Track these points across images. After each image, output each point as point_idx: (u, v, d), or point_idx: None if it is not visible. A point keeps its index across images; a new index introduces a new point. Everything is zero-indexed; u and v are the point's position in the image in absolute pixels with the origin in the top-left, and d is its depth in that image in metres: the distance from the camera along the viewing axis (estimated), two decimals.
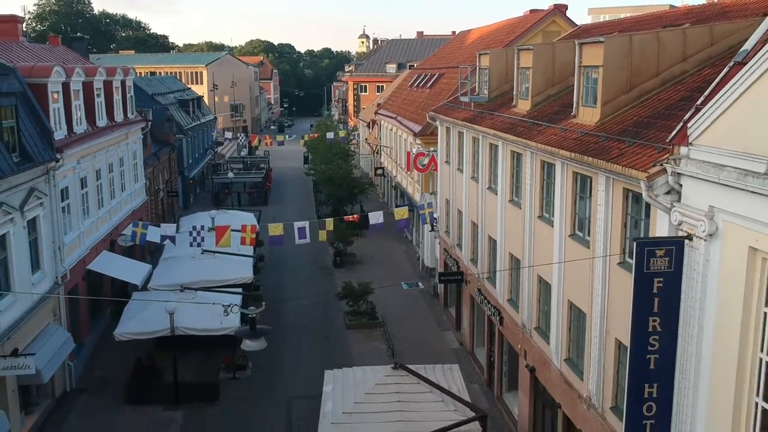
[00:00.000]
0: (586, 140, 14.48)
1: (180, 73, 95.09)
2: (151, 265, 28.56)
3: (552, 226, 16.58)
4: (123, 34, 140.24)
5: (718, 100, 9.84)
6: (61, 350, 20.22)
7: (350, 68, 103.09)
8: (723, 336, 9.94)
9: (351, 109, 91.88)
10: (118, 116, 30.48)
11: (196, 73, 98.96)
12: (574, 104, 16.14)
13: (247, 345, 12.25)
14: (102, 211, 27.56)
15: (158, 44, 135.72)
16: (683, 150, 10.63)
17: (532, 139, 16.96)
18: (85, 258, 24.87)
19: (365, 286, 28.36)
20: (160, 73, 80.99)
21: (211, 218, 30.18)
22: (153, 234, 23.64)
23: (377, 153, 52.85)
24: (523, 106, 19.78)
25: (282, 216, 42.62)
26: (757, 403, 9.59)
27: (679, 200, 10.81)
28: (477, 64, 25.30)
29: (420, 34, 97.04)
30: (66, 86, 23.75)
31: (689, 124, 10.51)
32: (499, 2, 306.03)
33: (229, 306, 16.25)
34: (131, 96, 33.38)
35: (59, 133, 22.73)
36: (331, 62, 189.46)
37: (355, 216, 26.15)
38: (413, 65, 66.82)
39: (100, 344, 25.59)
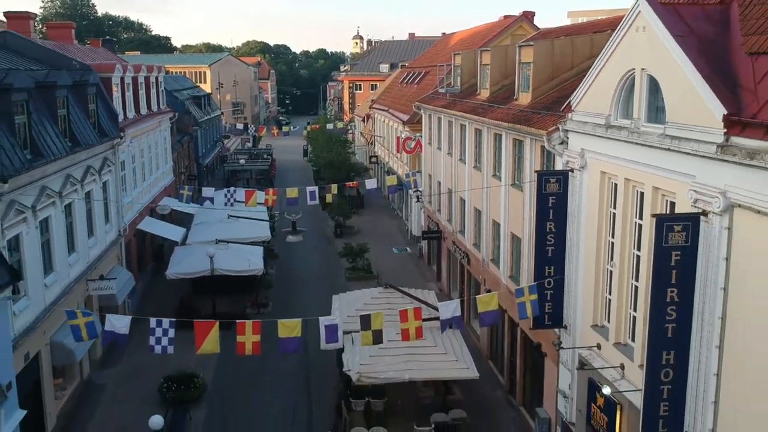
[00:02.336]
0: (520, 115, 20.42)
1: (184, 72, 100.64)
2: (184, 228, 34.32)
3: (500, 180, 22.54)
4: (125, 36, 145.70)
5: (584, 82, 15.77)
6: (126, 284, 26.02)
7: (346, 68, 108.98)
8: (589, 230, 15.83)
9: (347, 106, 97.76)
10: (154, 107, 36.30)
11: (200, 72, 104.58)
12: (516, 91, 22.11)
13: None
14: (144, 184, 33.36)
15: (161, 45, 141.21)
16: (569, 115, 16.55)
17: (487, 116, 22.92)
18: (135, 220, 30.67)
19: (362, 246, 34.28)
20: (167, 72, 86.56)
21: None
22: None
23: (371, 144, 58.77)
24: (484, 94, 25.71)
25: (287, 181, 48.49)
26: (608, 299, 15.47)
27: (567, 147, 16.73)
28: (452, 62, 31.24)
29: (412, 35, 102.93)
30: (121, 80, 29.56)
31: (571, 99, 16.45)
32: (487, 4, 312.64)
33: (275, 214, 21.89)
34: (162, 90, 39.20)
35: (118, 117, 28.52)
36: (326, 63, 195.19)
37: (354, 182, 32.01)
38: (405, 65, 72.71)
39: (147, 289, 31.41)
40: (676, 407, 11.86)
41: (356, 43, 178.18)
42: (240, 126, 62.63)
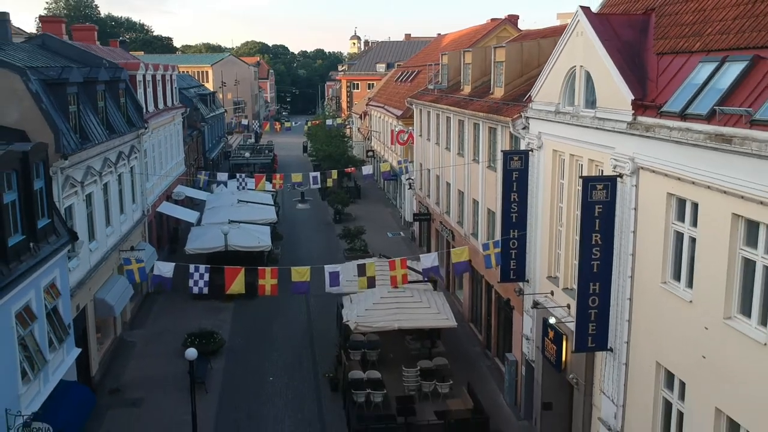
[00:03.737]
0: (494, 106, 23.89)
1: (187, 72, 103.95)
2: (197, 212, 37.72)
3: (478, 163, 26.02)
4: (128, 36, 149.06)
5: (540, 77, 19.25)
6: (151, 257, 29.39)
7: (343, 68, 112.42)
8: (544, 198, 19.29)
9: (344, 104, 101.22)
10: (169, 102, 39.72)
11: (203, 72, 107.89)
12: (491, 86, 25.59)
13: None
14: (162, 172, 36.76)
15: (163, 45, 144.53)
16: (530, 105, 20.02)
17: (467, 108, 26.40)
18: (155, 203, 34.08)
19: (359, 228, 37.75)
20: None
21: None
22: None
23: (368, 139, 62.28)
24: (466, 89, 29.17)
25: (286, 196, 52.03)
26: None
27: (528, 131, 20.20)
28: (440, 62, 34.72)
29: (408, 36, 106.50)
30: (143, 77, 32.98)
31: (531, 91, 19.94)
32: (482, 4, 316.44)
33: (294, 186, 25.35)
34: (176, 87, 42.63)
35: None
36: (324, 62, 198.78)
37: (352, 168, 35.46)
38: (400, 64, 76.24)
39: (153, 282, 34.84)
40: (600, 326, 15.32)
41: (354, 44, 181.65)
42: (244, 122, 66.01)
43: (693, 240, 12.64)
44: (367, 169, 31.84)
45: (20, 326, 15.75)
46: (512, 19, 43.32)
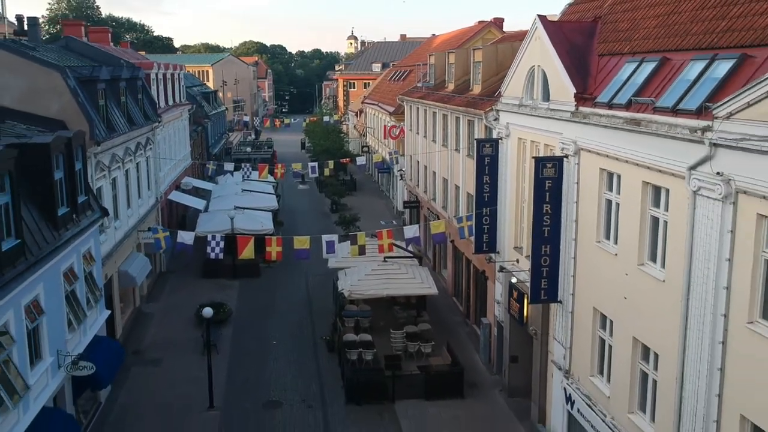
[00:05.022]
0: (472, 102, 26.98)
1: (188, 71, 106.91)
2: (204, 200, 40.78)
3: (459, 152, 29.12)
4: (128, 36, 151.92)
5: (508, 75, 22.34)
6: (165, 239, 32.43)
7: (340, 67, 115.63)
8: (511, 179, 22.37)
9: (341, 103, 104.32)
10: (178, 99, 42.77)
11: (204, 71, 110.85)
12: (470, 83, 28.69)
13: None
14: (172, 163, 39.81)
15: (163, 45, 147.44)
16: (500, 99, 23.10)
17: (450, 104, 29.49)
18: (166, 191, 37.13)
19: (353, 216, 40.84)
20: None
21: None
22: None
23: (363, 135, 65.40)
24: (450, 87, 32.26)
25: (288, 180, 55.12)
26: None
27: (498, 122, 23.28)
28: (428, 62, 37.82)
29: (403, 36, 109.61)
30: (156, 75, 36.02)
31: (501, 87, 23.03)
32: (474, 5, 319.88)
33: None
34: (183, 85, 45.68)
35: None
36: (321, 62, 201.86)
37: (348, 159, 38.54)
38: (395, 64, 79.38)
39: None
40: (551, 282, 18.42)
41: (351, 43, 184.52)
42: (246, 118, 69.10)
43: (618, 205, 15.74)
44: (360, 160, 34.91)
45: (66, 283, 18.79)
46: (497, 22, 46.47)
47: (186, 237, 21.64)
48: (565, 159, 17.92)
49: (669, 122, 13.16)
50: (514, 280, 20.85)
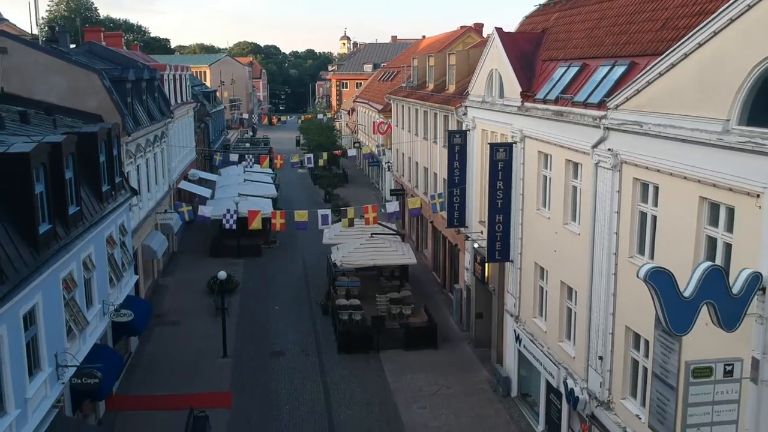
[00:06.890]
0: (447, 99, 31.27)
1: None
2: (210, 189, 44.94)
3: (437, 144, 33.43)
4: (127, 37, 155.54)
5: (473, 76, 26.61)
6: (176, 222, 36.64)
7: (333, 68, 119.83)
8: (477, 164, 26.62)
9: (334, 102, 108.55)
10: (185, 98, 46.93)
11: (201, 72, 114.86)
12: (446, 83, 33.02)
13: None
14: (180, 156, 43.97)
15: (161, 46, 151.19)
16: (468, 97, 27.37)
17: (429, 101, 33.79)
18: (177, 180, 41.27)
19: (345, 203, 45.04)
20: None
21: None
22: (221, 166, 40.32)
23: (355, 132, 69.69)
24: (430, 86, 36.53)
25: (285, 172, 59.35)
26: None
27: (466, 117, 27.55)
28: (412, 64, 42.12)
29: (394, 38, 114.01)
30: (167, 76, 40.16)
31: (469, 87, 27.32)
32: (463, 5, 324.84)
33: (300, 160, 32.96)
34: (189, 85, 49.83)
35: None
36: (315, 62, 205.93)
37: (339, 151, 42.77)
38: (385, 65, 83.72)
39: (186, 231, 42.08)
40: (504, 244, 22.70)
41: (344, 44, 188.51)
42: (245, 116, 73.30)
43: (550, 179, 20.04)
44: (351, 151, 39.07)
45: (108, 247, 22.96)
46: (477, 28, 50.78)
47: (206, 211, 25.90)
48: (513, 144, 22.21)
49: (580, 113, 17.47)
50: (476, 245, 25.15)
